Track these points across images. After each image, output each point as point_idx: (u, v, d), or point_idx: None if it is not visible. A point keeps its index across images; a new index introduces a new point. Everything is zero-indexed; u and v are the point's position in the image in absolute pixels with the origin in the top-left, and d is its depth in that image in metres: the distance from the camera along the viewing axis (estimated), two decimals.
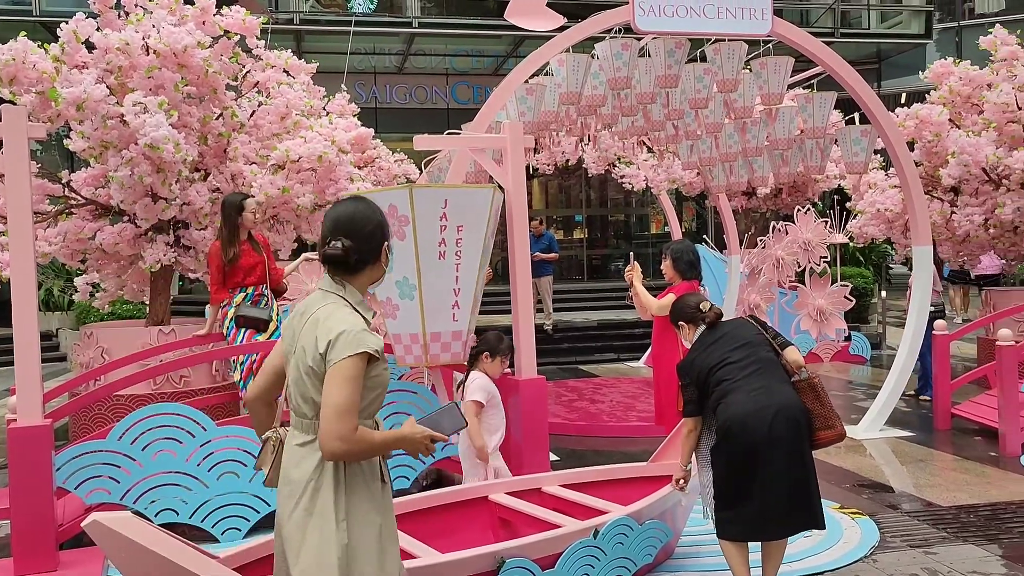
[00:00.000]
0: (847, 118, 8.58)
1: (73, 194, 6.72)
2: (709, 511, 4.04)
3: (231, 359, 6.29)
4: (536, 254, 11.72)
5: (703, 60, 7.40)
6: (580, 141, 11.80)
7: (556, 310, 13.64)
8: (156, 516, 4.88)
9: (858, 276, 13.62)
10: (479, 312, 5.91)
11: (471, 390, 4.91)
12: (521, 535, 4.15)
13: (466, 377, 5.08)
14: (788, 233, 8.72)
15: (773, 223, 9.06)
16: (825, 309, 8.64)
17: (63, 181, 6.69)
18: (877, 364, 11.69)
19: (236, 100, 7.06)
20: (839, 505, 5.53)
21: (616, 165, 13.13)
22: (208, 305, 6.41)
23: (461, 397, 4.99)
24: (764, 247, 8.86)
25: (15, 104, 5.74)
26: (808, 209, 8.94)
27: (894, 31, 20.76)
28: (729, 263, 11.77)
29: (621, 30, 6.90)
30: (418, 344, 5.50)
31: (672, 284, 5.85)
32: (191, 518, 5.00)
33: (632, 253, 6.63)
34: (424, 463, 5.63)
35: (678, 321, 4.22)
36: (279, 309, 6.41)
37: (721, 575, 4.25)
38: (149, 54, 6.19)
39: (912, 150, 8.87)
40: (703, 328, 4.08)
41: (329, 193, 6.94)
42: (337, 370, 2.35)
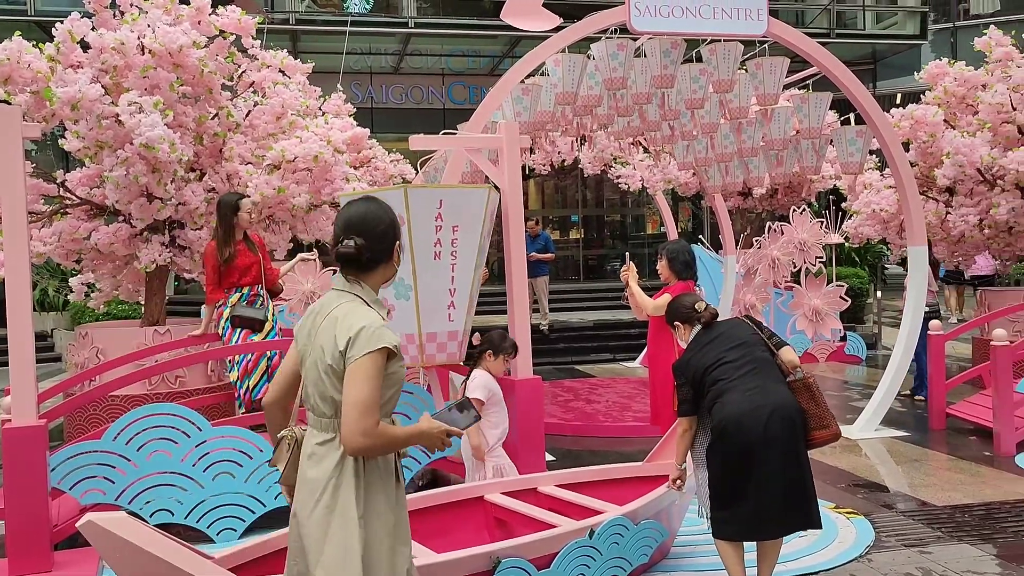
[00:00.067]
0: (843, 118, 8.58)
1: (68, 194, 6.70)
2: (705, 511, 4.05)
3: (227, 359, 6.28)
4: (532, 254, 11.72)
5: (699, 60, 7.40)
6: (577, 141, 11.82)
7: (552, 310, 13.65)
8: (151, 516, 4.87)
9: (854, 276, 13.63)
10: (475, 312, 5.92)
11: (472, 387, 4.91)
12: (517, 535, 4.15)
13: (468, 375, 5.08)
14: (784, 233, 8.72)
15: (769, 223, 9.07)
16: (821, 309, 8.65)
17: (58, 181, 6.67)
18: (872, 364, 11.71)
19: (232, 100, 7.05)
20: (834, 505, 5.54)
21: (612, 165, 13.14)
22: (204, 305, 6.40)
23: (462, 394, 4.99)
24: (760, 247, 8.86)
25: (10, 104, 5.73)
26: (804, 209, 8.94)
27: (889, 32, 20.80)
28: (725, 263, 11.80)
29: (617, 30, 6.91)
30: (414, 344, 5.50)
31: (668, 284, 5.85)
32: (186, 518, 4.99)
33: (628, 253, 6.62)
34: (420, 463, 5.63)
35: (674, 321, 4.23)
36: (275, 309, 6.41)
37: (717, 575, 4.26)
38: (144, 54, 6.18)
39: (907, 151, 8.88)
40: (699, 328, 4.08)
41: (325, 193, 6.94)
42: (358, 367, 2.37)
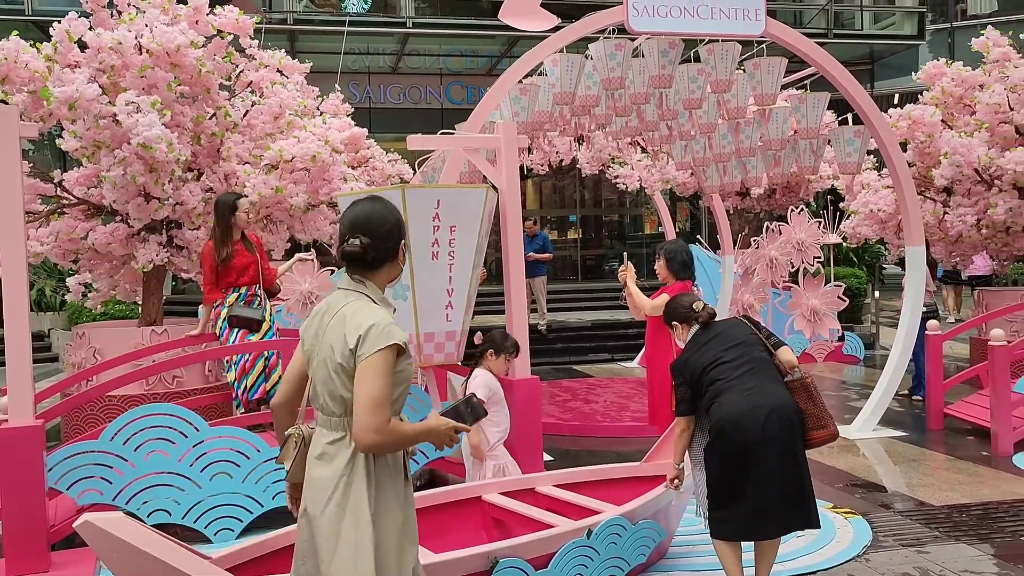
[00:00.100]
0: (840, 119, 8.60)
1: (65, 194, 6.70)
2: (702, 510, 4.05)
3: (224, 359, 6.27)
4: (530, 254, 11.73)
5: (697, 60, 7.41)
6: (575, 141, 11.82)
7: (550, 310, 13.65)
8: (148, 517, 4.86)
9: (851, 276, 13.64)
10: (474, 312, 5.92)
11: (473, 386, 4.90)
12: (514, 535, 4.15)
13: (470, 374, 5.08)
14: (782, 233, 8.73)
15: (767, 223, 9.08)
16: (819, 309, 8.66)
17: (55, 181, 6.66)
18: (870, 364, 11.72)
19: (229, 100, 7.04)
20: (832, 505, 5.54)
21: (610, 165, 13.14)
22: (201, 305, 6.40)
23: (463, 393, 4.99)
24: (758, 247, 8.88)
25: (7, 103, 5.72)
26: (801, 209, 8.96)
27: (887, 32, 20.82)
28: (723, 263, 11.80)
29: (615, 30, 6.91)
30: (412, 345, 5.50)
31: (666, 284, 5.85)
32: (184, 519, 4.98)
33: (626, 253, 6.62)
34: (418, 463, 5.62)
35: (671, 321, 4.23)
36: (272, 309, 6.40)
37: (714, 575, 4.25)
38: (142, 53, 6.17)
39: (905, 151, 8.89)
40: (696, 328, 4.09)
41: (322, 193, 6.93)
42: (369, 364, 2.38)
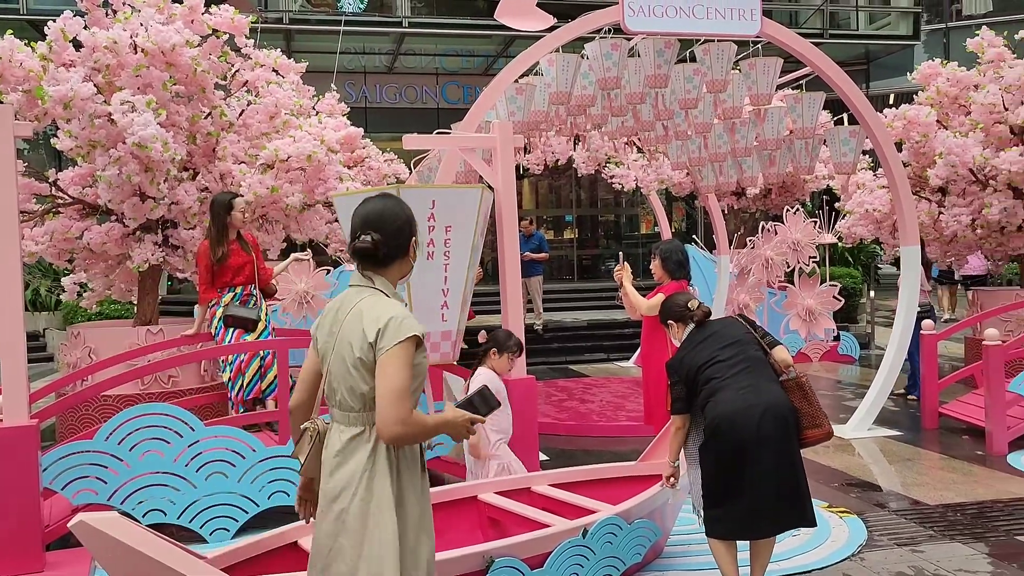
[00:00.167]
0: (836, 119, 8.61)
1: (60, 193, 6.68)
2: (698, 509, 4.06)
3: (220, 359, 6.26)
4: (526, 254, 11.73)
5: (692, 60, 7.42)
6: (571, 141, 11.82)
7: (546, 310, 13.66)
8: (144, 517, 4.86)
9: (847, 276, 13.66)
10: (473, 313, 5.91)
11: (475, 384, 4.90)
12: (510, 535, 4.15)
13: (473, 372, 5.08)
14: (777, 233, 8.76)
15: (762, 223, 9.11)
16: (814, 309, 8.69)
17: (50, 180, 6.65)
18: (865, 364, 11.73)
19: (225, 99, 7.03)
20: (827, 504, 5.55)
21: (606, 165, 13.15)
22: (196, 305, 6.39)
23: (465, 391, 4.99)
24: (753, 247, 8.90)
25: (2, 103, 5.71)
26: (797, 209, 8.98)
27: (882, 32, 20.86)
28: (718, 263, 11.81)
29: (611, 30, 6.91)
30: None
31: (661, 284, 5.85)
32: (179, 519, 4.98)
33: (622, 253, 6.63)
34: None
35: (667, 319, 4.23)
36: (268, 309, 6.40)
37: (710, 574, 4.26)
38: (137, 52, 6.16)
39: (900, 151, 8.90)
40: (692, 326, 4.09)
41: (318, 193, 6.93)
42: (390, 356, 2.40)
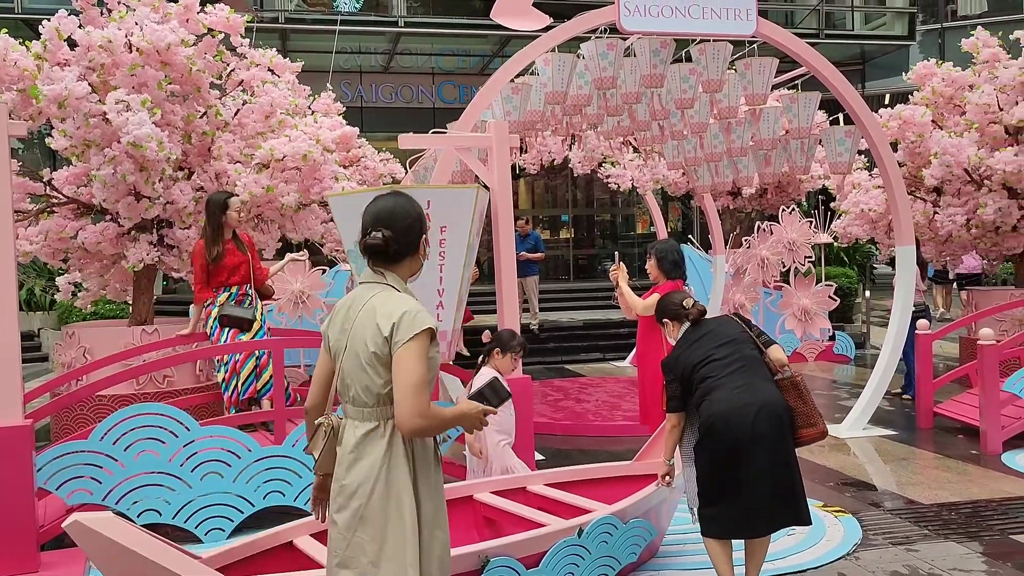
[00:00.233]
0: (831, 119, 8.62)
1: (55, 193, 6.66)
2: (693, 508, 4.06)
3: (215, 359, 6.25)
4: (522, 254, 11.72)
5: (688, 60, 7.42)
6: (567, 141, 11.82)
7: (542, 310, 13.65)
8: (139, 517, 4.85)
9: (842, 276, 13.69)
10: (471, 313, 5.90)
11: (478, 382, 4.90)
12: (506, 534, 4.15)
13: (476, 372, 5.08)
14: (773, 233, 8.75)
15: (758, 223, 9.10)
16: (809, 309, 8.68)
17: (45, 179, 6.63)
18: (861, 363, 11.76)
19: (220, 99, 7.02)
20: (822, 503, 5.56)
21: (602, 165, 13.15)
22: (192, 304, 6.38)
23: (468, 391, 4.99)
24: (749, 247, 8.90)
25: None
26: (793, 209, 8.98)
27: (878, 32, 20.89)
28: (714, 263, 11.82)
29: (606, 30, 6.91)
30: None
31: (657, 284, 5.86)
32: (174, 519, 4.97)
33: (617, 253, 6.63)
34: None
35: (663, 318, 4.23)
36: (263, 309, 6.39)
37: (705, 573, 4.27)
38: (132, 52, 6.14)
39: (895, 151, 8.91)
40: (687, 325, 4.09)
41: (314, 192, 6.92)
42: (406, 350, 2.42)
